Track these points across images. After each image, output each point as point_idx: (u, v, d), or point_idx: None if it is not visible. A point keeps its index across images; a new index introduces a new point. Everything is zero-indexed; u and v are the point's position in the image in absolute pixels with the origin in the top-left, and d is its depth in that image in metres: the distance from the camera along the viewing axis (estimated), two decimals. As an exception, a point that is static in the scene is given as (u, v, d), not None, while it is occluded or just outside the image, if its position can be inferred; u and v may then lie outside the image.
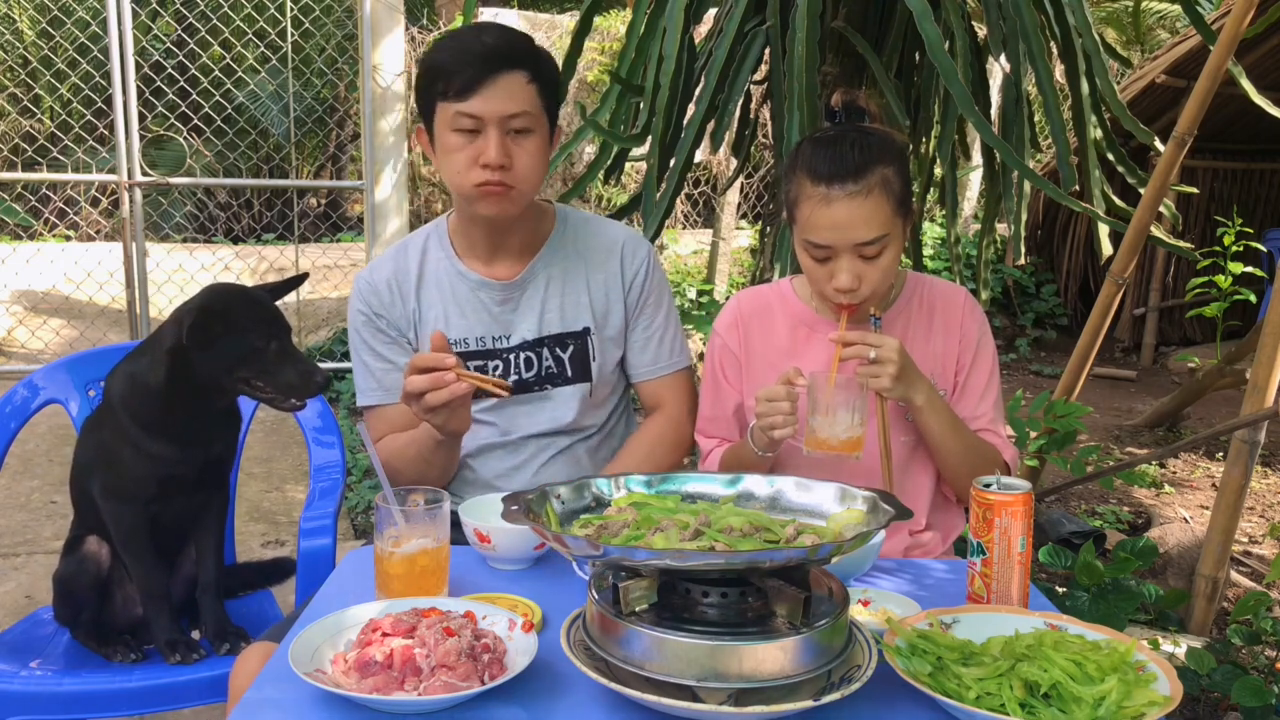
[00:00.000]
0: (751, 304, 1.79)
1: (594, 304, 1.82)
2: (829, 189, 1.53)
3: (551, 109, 1.70)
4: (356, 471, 4.05)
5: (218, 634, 1.72)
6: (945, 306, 1.74)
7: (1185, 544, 3.20)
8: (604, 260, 1.83)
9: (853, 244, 1.54)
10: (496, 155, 1.62)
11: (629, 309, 1.84)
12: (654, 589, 1.07)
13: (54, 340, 5.75)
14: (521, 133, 1.64)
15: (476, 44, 1.62)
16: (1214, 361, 4.37)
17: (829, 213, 1.53)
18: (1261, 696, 2.13)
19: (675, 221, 8.14)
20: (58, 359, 2.00)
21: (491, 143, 1.62)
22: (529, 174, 1.67)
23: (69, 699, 1.61)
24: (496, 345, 1.80)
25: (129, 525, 1.68)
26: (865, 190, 1.52)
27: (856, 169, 1.52)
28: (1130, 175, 2.57)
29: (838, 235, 1.54)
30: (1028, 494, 1.32)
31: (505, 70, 1.60)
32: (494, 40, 1.62)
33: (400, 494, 1.36)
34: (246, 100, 8.01)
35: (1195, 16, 2.51)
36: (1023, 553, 1.31)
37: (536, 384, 1.81)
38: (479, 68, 1.60)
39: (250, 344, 1.61)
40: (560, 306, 1.80)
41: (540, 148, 1.67)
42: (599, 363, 1.82)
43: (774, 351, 1.75)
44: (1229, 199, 7.02)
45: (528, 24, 8.13)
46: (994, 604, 1.31)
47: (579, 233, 1.84)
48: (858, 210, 1.52)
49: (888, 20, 2.53)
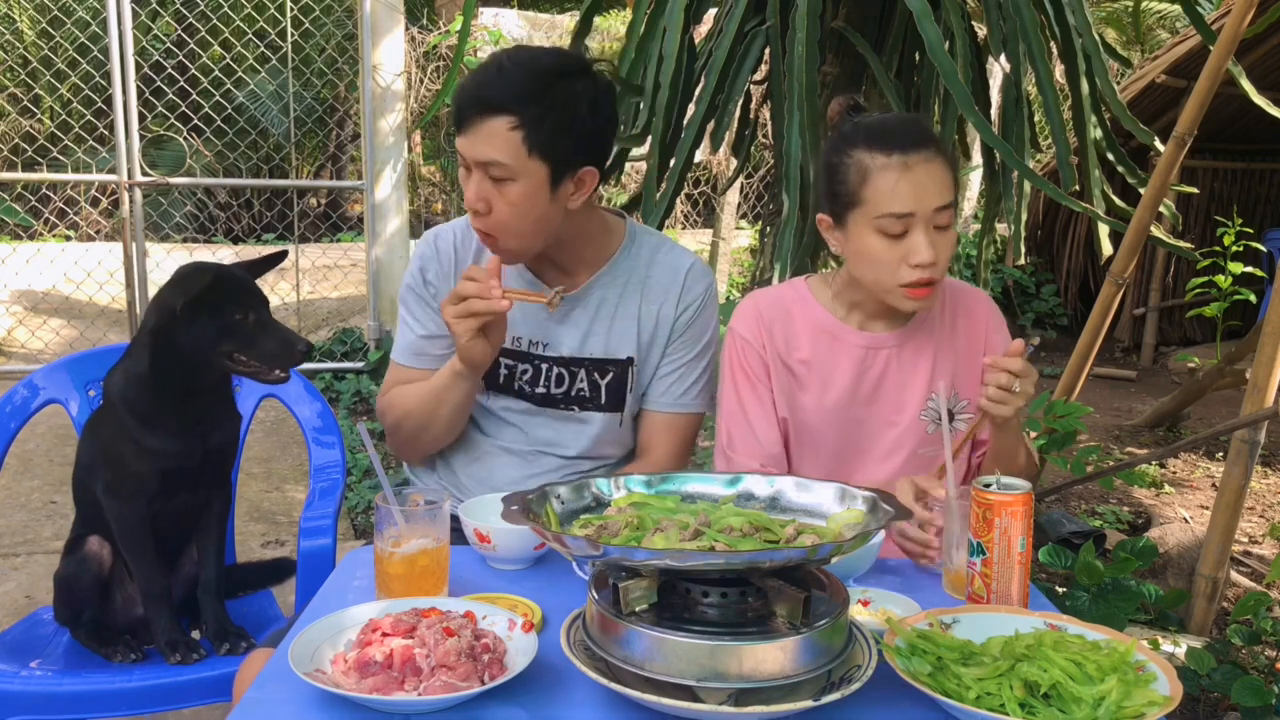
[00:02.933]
0: (771, 306, 1.72)
1: (642, 333, 1.75)
2: (906, 155, 1.54)
3: (557, 155, 1.56)
4: (356, 471, 4.05)
5: (218, 634, 1.72)
6: (969, 314, 1.72)
7: (1185, 544, 3.20)
8: (664, 290, 1.75)
9: (933, 209, 1.54)
10: (472, 198, 1.58)
11: (669, 338, 1.76)
12: (654, 589, 1.07)
13: (54, 340, 5.75)
14: (500, 180, 1.56)
15: (481, 76, 1.56)
16: (1214, 361, 4.37)
17: (911, 177, 1.53)
18: (1261, 696, 2.13)
19: (675, 221, 8.14)
20: (58, 359, 2.00)
21: (470, 185, 1.58)
22: (507, 224, 1.58)
23: (69, 699, 1.61)
24: (532, 351, 1.74)
25: (131, 524, 1.68)
26: (936, 155, 1.56)
27: (925, 136, 1.57)
28: (1130, 175, 2.57)
29: (920, 200, 1.53)
30: (1028, 494, 1.32)
31: (487, 115, 1.53)
32: (492, 78, 1.54)
33: (400, 494, 1.36)
34: (246, 100, 8.01)
35: (1195, 16, 2.51)
36: (1022, 552, 1.31)
37: (564, 402, 1.76)
38: (467, 106, 1.55)
39: (229, 317, 1.62)
40: (608, 332, 1.74)
41: (522, 197, 1.56)
42: (635, 394, 1.77)
43: (793, 354, 1.70)
44: (1229, 199, 7.02)
45: (528, 24, 8.14)
46: (994, 604, 1.31)
47: (646, 257, 1.76)
48: (934, 174, 1.54)
49: (888, 20, 2.53)
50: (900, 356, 1.69)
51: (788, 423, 1.72)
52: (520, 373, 1.75)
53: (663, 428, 1.78)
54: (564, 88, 1.55)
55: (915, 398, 1.69)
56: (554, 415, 1.76)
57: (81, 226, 7.97)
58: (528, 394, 1.75)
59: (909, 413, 1.69)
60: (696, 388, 1.79)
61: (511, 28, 7.96)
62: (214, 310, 1.61)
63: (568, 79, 1.56)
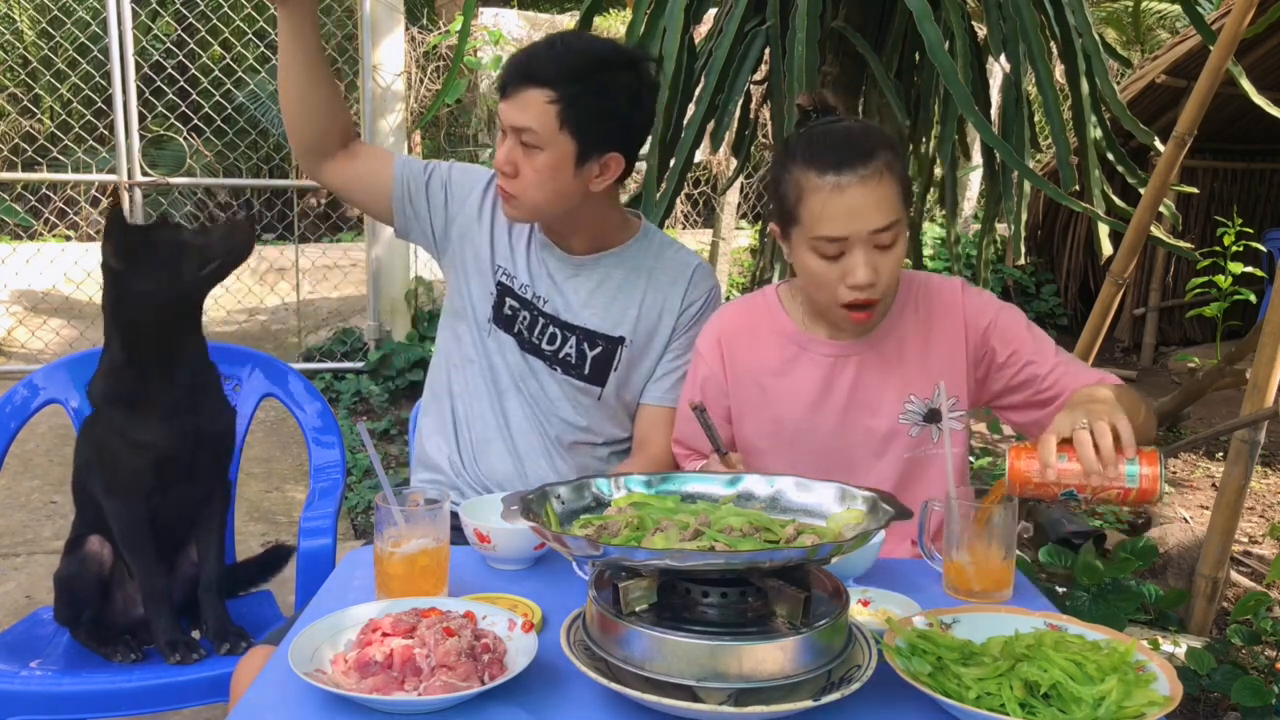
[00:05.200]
0: (735, 322, 1.73)
1: (642, 319, 1.81)
2: (839, 176, 1.47)
3: (586, 135, 1.64)
4: (356, 471, 4.05)
5: (218, 633, 1.72)
6: (943, 307, 1.66)
7: (1185, 544, 3.20)
8: (670, 282, 1.82)
9: (868, 231, 1.48)
10: (501, 160, 1.67)
11: (673, 333, 1.83)
12: (654, 589, 1.07)
13: (54, 340, 5.75)
14: (529, 147, 1.64)
15: (534, 49, 1.66)
16: (1214, 361, 4.36)
17: (842, 200, 1.47)
18: (1261, 696, 2.13)
19: (675, 221, 8.14)
20: (58, 359, 2.00)
21: (502, 149, 1.67)
22: (528, 188, 1.67)
23: (69, 699, 1.61)
24: (535, 303, 1.80)
25: (130, 522, 1.68)
26: (876, 174, 1.48)
27: (864, 154, 1.48)
28: (1130, 175, 2.57)
29: (853, 224, 1.48)
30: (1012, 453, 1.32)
31: (528, 85, 1.62)
32: (543, 53, 1.64)
33: (400, 494, 1.36)
34: (246, 100, 8.01)
35: (1195, 16, 2.51)
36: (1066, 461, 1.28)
37: (550, 360, 1.80)
38: (511, 76, 1.64)
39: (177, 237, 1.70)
40: (606, 307, 1.80)
41: (547, 166, 1.65)
42: (619, 375, 1.81)
43: (763, 371, 1.68)
44: (1229, 199, 7.02)
45: (528, 24, 8.13)
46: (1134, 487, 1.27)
47: (656, 250, 1.84)
48: (870, 195, 1.48)
49: (888, 20, 2.53)
50: (871, 361, 1.64)
51: (769, 440, 1.69)
52: (521, 318, 1.80)
53: (662, 421, 1.82)
54: (608, 76, 1.64)
55: (891, 402, 1.64)
56: (541, 369, 1.81)
57: (81, 226, 7.96)
58: (525, 338, 1.81)
59: (886, 418, 1.64)
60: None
61: (511, 28, 7.95)
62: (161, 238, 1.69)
63: (614, 69, 1.65)
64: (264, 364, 2.12)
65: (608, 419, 1.84)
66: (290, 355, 5.45)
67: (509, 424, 1.82)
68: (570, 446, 1.83)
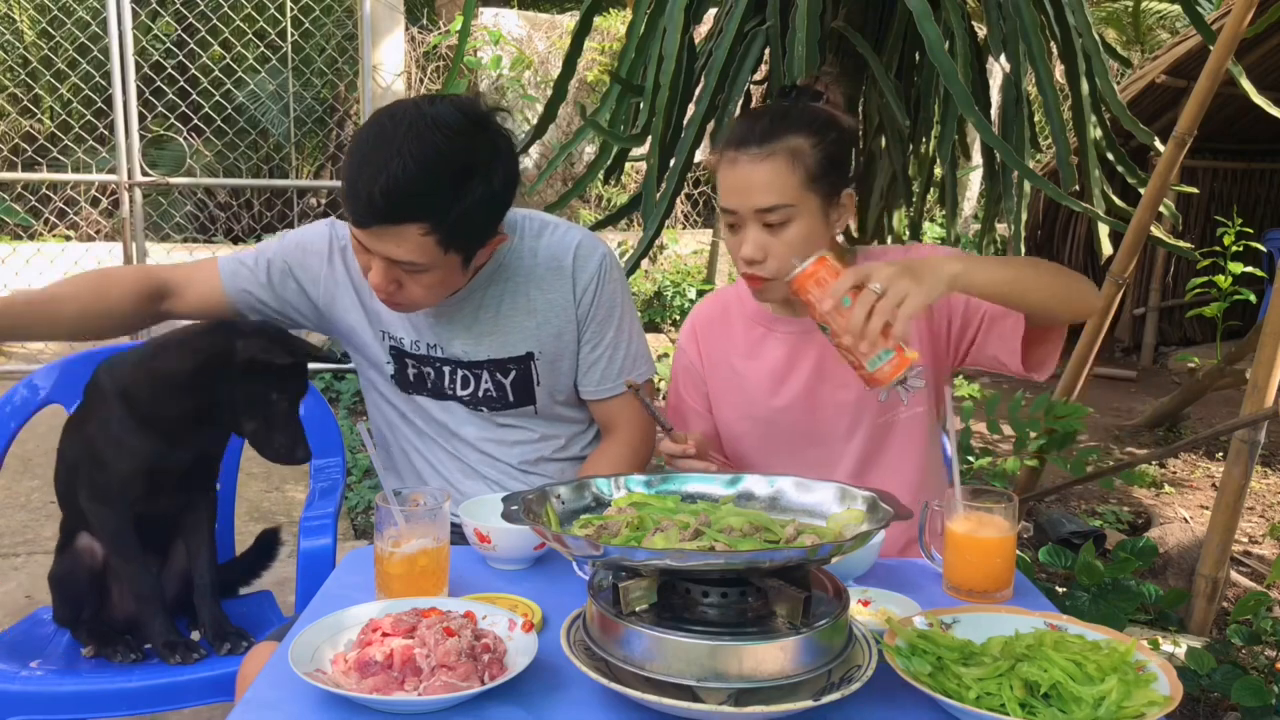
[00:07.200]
0: (707, 312, 1.77)
1: (540, 327, 1.70)
2: (735, 152, 1.54)
3: (473, 242, 1.53)
4: (356, 471, 4.05)
5: (217, 635, 1.71)
6: None
7: (1185, 544, 3.20)
8: (552, 278, 1.69)
9: (754, 209, 1.53)
10: (381, 281, 1.52)
11: (579, 325, 1.72)
12: (654, 589, 1.07)
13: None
14: (412, 271, 1.51)
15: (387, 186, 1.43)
16: (1214, 361, 4.37)
17: (733, 174, 1.54)
18: (1261, 696, 2.13)
19: (675, 221, 8.14)
20: (58, 359, 2.00)
21: (376, 270, 1.52)
22: (417, 300, 1.57)
23: (69, 699, 1.61)
24: (431, 354, 1.71)
25: (114, 528, 1.66)
26: (767, 154, 1.52)
27: (762, 135, 1.53)
28: (1130, 175, 2.57)
29: (740, 199, 1.53)
30: (819, 258, 1.34)
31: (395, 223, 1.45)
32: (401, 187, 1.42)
33: (400, 494, 1.36)
34: (246, 100, 8.01)
35: (1195, 16, 2.50)
36: (848, 305, 1.30)
37: (472, 404, 1.74)
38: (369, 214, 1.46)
39: (269, 390, 1.61)
40: (499, 330, 1.69)
41: (438, 281, 1.54)
42: (545, 387, 1.73)
43: (734, 354, 1.72)
44: (1229, 199, 7.02)
45: (528, 24, 8.13)
46: (869, 370, 1.32)
47: (528, 247, 1.70)
48: (757, 174, 1.52)
49: (888, 20, 2.53)
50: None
51: (747, 422, 1.73)
52: (427, 374, 1.74)
53: (615, 410, 1.78)
54: (477, 179, 1.47)
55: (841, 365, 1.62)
56: (468, 416, 1.75)
57: (81, 226, 7.97)
58: (440, 391, 1.74)
59: (853, 389, 1.66)
60: (628, 361, 1.75)
61: (511, 27, 7.96)
62: (266, 379, 1.61)
63: (476, 167, 1.48)
64: (264, 364, 2.11)
65: (555, 419, 1.79)
66: (290, 355, 5.44)
67: (469, 464, 1.78)
68: (536, 462, 1.79)
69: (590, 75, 7.85)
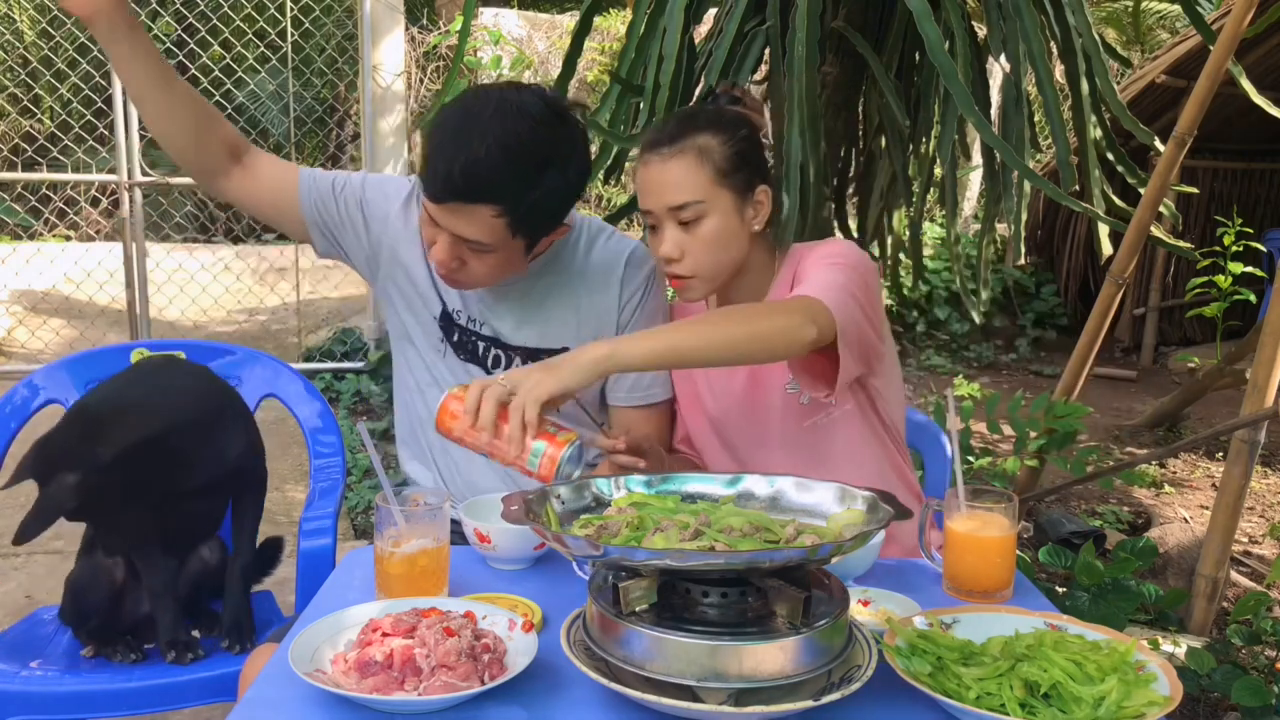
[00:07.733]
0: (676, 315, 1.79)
1: (580, 326, 1.72)
2: (647, 153, 1.58)
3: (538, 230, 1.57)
4: (356, 471, 4.05)
5: (234, 625, 1.72)
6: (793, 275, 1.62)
7: (1185, 544, 3.20)
8: (603, 281, 1.73)
9: (666, 208, 1.56)
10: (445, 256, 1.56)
11: (619, 332, 1.74)
12: (654, 589, 1.07)
13: (54, 340, 5.75)
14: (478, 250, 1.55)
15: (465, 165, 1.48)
16: (1214, 361, 4.37)
17: (647, 174, 1.58)
18: (1261, 696, 2.13)
19: (675, 221, 8.14)
20: (58, 359, 2.00)
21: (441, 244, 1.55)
22: (478, 279, 1.61)
23: (69, 699, 1.61)
24: (470, 327, 1.73)
25: (136, 527, 1.67)
26: (676, 153, 1.55)
27: (670, 135, 1.57)
28: (1130, 175, 2.57)
29: (653, 199, 1.57)
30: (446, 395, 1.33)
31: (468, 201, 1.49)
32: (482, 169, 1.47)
33: (400, 494, 1.36)
34: (246, 100, 8.00)
35: (1195, 16, 2.50)
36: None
37: None
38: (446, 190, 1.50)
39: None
40: (540, 320, 1.72)
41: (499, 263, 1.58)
42: None
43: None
44: (1229, 199, 7.02)
45: (528, 24, 8.13)
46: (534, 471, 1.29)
47: (584, 249, 1.74)
48: (666, 172, 1.56)
49: (888, 20, 2.53)
50: None
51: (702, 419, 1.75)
52: (464, 343, 1.76)
53: (635, 421, 1.77)
54: (553, 171, 1.52)
55: (775, 373, 1.65)
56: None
57: (81, 226, 7.96)
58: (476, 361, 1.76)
59: (776, 391, 1.66)
60: (659, 375, 1.76)
61: (511, 27, 7.96)
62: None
63: (555, 158, 1.52)
64: (264, 364, 2.12)
65: (575, 421, 1.77)
66: (290, 355, 5.45)
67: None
68: None
69: (590, 75, 7.85)
